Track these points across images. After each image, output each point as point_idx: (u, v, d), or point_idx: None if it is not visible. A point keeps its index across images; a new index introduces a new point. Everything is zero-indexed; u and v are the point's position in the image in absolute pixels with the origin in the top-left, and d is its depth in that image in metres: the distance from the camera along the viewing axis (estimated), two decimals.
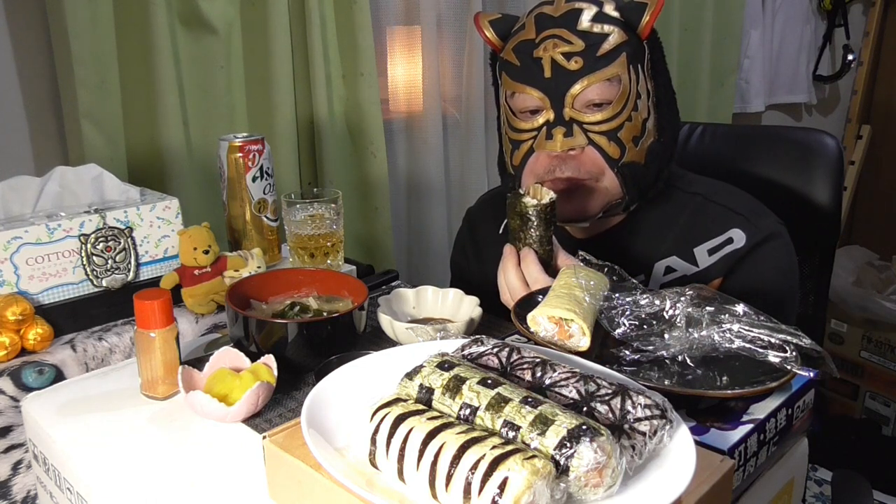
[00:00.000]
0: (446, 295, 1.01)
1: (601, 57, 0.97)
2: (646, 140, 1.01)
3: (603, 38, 0.98)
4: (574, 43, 0.97)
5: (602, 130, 0.99)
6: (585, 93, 0.98)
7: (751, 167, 1.31)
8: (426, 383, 0.58)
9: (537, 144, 1.01)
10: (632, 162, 1.00)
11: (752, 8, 2.44)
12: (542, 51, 0.99)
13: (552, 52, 0.98)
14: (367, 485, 0.53)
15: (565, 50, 0.98)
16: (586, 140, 0.99)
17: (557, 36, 0.98)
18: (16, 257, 0.91)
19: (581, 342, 0.74)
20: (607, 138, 0.99)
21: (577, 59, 0.97)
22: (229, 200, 1.13)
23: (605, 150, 0.99)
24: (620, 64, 0.98)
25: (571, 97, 0.98)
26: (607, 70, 0.97)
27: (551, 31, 0.99)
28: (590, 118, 0.98)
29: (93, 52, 1.21)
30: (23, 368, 0.87)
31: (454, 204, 1.85)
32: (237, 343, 0.86)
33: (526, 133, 1.02)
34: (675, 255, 1.04)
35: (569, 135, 0.99)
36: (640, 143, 1.01)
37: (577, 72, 0.97)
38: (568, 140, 0.99)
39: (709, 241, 1.03)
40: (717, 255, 1.02)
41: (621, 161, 1.00)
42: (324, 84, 1.49)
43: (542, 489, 0.47)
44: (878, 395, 2.67)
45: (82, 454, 0.73)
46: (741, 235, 1.01)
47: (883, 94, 3.10)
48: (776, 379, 0.67)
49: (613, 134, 0.99)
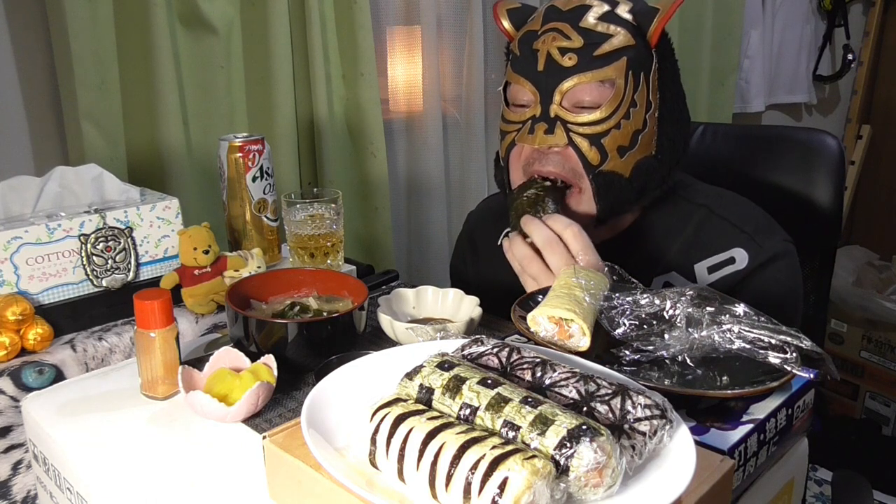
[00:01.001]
0: (446, 295, 1.01)
1: (598, 57, 0.95)
2: (636, 153, 0.98)
3: (605, 39, 0.95)
4: (572, 39, 0.95)
5: (585, 133, 0.96)
6: (574, 91, 0.96)
7: (752, 167, 1.31)
8: (426, 383, 0.58)
9: (518, 137, 1.00)
10: (612, 172, 0.97)
11: (752, 8, 2.44)
12: (540, 43, 0.97)
13: (550, 45, 0.96)
14: (367, 485, 0.53)
15: (562, 45, 0.96)
16: (566, 140, 0.96)
17: (558, 30, 0.96)
18: (16, 257, 0.91)
19: (581, 342, 0.73)
20: (589, 142, 0.96)
21: (571, 56, 0.95)
22: (229, 200, 1.13)
23: (584, 154, 0.96)
24: (617, 68, 0.95)
25: (560, 94, 0.96)
26: (601, 71, 0.95)
27: (553, 25, 0.97)
28: (575, 118, 0.96)
29: (93, 52, 1.21)
30: (23, 368, 0.87)
31: (454, 204, 1.85)
32: (237, 343, 0.86)
33: (513, 125, 1.01)
34: (675, 271, 1.01)
35: (549, 132, 0.96)
36: (626, 154, 0.97)
37: (570, 68, 0.95)
38: (548, 137, 0.96)
39: (710, 259, 1.00)
40: (717, 274, 0.99)
41: (599, 168, 0.97)
42: (324, 84, 1.49)
43: (542, 489, 0.47)
44: (878, 395, 2.67)
45: (82, 454, 0.73)
46: (744, 256, 0.99)
47: (883, 94, 3.10)
48: (776, 379, 0.67)
49: (597, 139, 0.96)
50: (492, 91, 1.83)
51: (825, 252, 1.29)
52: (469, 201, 1.82)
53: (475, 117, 1.79)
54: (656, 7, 0.97)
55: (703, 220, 1.03)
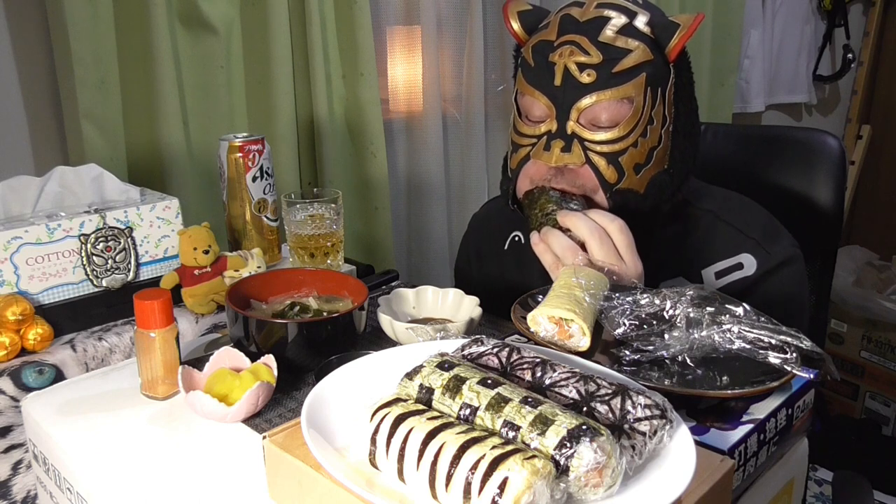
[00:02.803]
0: (446, 295, 1.01)
1: (617, 74, 0.92)
2: (651, 169, 0.96)
3: (624, 54, 0.92)
4: (591, 54, 0.92)
5: (603, 151, 0.93)
6: (593, 109, 0.93)
7: (752, 168, 1.31)
8: (426, 383, 0.58)
9: (534, 153, 0.96)
10: (628, 189, 0.95)
11: (752, 8, 2.44)
12: (557, 56, 0.93)
13: (567, 59, 0.92)
14: (367, 485, 0.53)
15: (581, 60, 0.92)
16: (584, 158, 0.94)
17: (576, 43, 0.93)
18: (16, 257, 0.91)
19: (581, 342, 0.74)
20: (606, 160, 0.93)
21: (590, 72, 0.92)
22: (229, 200, 1.13)
23: (601, 173, 0.94)
24: (637, 85, 0.92)
25: (577, 111, 0.93)
26: (621, 89, 0.92)
27: (571, 37, 0.93)
28: (592, 136, 0.93)
29: (93, 52, 1.21)
30: (23, 368, 0.87)
31: (454, 204, 1.85)
32: (237, 343, 0.86)
33: (526, 138, 0.98)
34: (682, 276, 1.00)
35: (566, 150, 0.94)
36: (642, 170, 0.95)
37: (589, 85, 0.92)
38: (565, 155, 0.94)
39: (717, 264, 0.99)
40: (724, 279, 0.98)
41: (616, 186, 0.95)
42: (324, 84, 1.49)
43: (542, 489, 0.47)
44: (878, 395, 2.67)
45: (82, 454, 0.73)
46: (752, 262, 0.97)
47: (883, 94, 3.10)
48: (776, 379, 0.67)
49: (614, 157, 0.93)
50: (492, 91, 1.83)
51: (826, 252, 1.29)
52: (469, 201, 1.82)
53: (475, 117, 1.79)
54: (675, 21, 0.95)
55: (709, 226, 1.02)
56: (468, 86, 1.78)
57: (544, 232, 0.91)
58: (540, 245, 0.92)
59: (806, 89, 2.81)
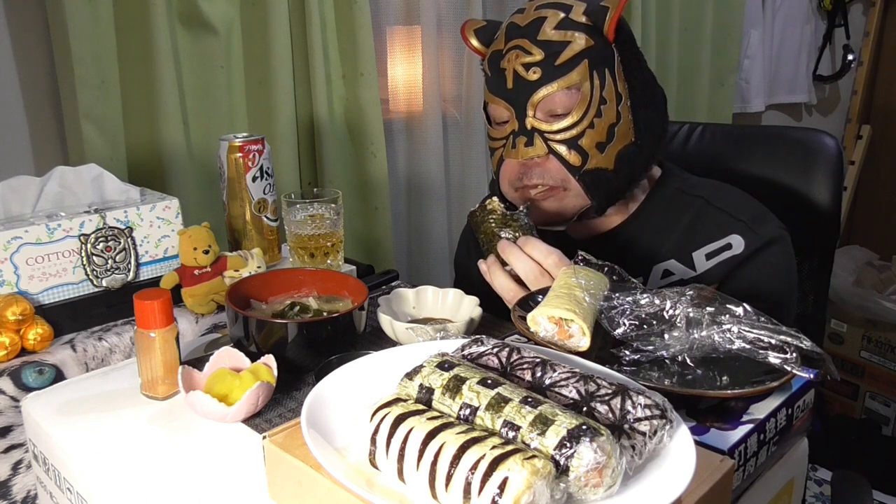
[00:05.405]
0: (446, 295, 1.01)
1: (560, 66, 0.98)
2: (615, 145, 1.01)
3: (563, 46, 0.98)
4: (534, 53, 0.99)
5: (562, 139, 0.99)
6: (545, 102, 0.99)
7: (751, 167, 1.31)
8: (426, 383, 0.58)
9: (505, 153, 1.04)
10: (596, 168, 1.01)
11: (752, 8, 2.44)
12: (506, 62, 1.01)
13: (514, 62, 1.00)
14: (367, 485, 0.53)
15: (525, 60, 0.99)
16: (546, 149, 1.00)
17: (520, 47, 1.00)
18: (16, 257, 0.91)
19: (581, 342, 0.74)
20: (567, 147, 1.00)
21: (535, 70, 0.99)
22: (229, 200, 1.13)
23: (565, 159, 1.00)
24: (580, 72, 0.98)
25: (532, 107, 1.00)
26: (566, 78, 0.98)
27: (515, 42, 1.01)
28: (550, 127, 1.00)
29: (93, 52, 1.21)
30: (23, 368, 0.87)
31: (454, 204, 1.85)
32: (237, 343, 0.86)
33: (497, 141, 1.05)
34: (674, 259, 1.04)
35: (529, 144, 1.00)
36: (606, 148, 1.00)
37: (536, 81, 0.99)
38: (528, 149, 1.00)
39: (707, 246, 1.03)
40: (714, 259, 1.02)
41: (583, 168, 1.00)
42: (324, 84, 1.49)
43: (542, 489, 0.47)
44: (878, 395, 2.67)
45: (82, 454, 0.73)
46: (740, 242, 1.02)
47: (883, 94, 3.11)
48: (776, 379, 0.67)
49: (573, 142, 0.99)
50: None
51: (824, 252, 1.29)
52: (469, 201, 1.82)
53: (475, 117, 1.79)
54: (606, 5, 0.99)
55: (699, 211, 1.06)
56: (468, 86, 1.78)
57: (489, 265, 0.97)
58: (487, 277, 0.97)
59: (806, 89, 2.81)
